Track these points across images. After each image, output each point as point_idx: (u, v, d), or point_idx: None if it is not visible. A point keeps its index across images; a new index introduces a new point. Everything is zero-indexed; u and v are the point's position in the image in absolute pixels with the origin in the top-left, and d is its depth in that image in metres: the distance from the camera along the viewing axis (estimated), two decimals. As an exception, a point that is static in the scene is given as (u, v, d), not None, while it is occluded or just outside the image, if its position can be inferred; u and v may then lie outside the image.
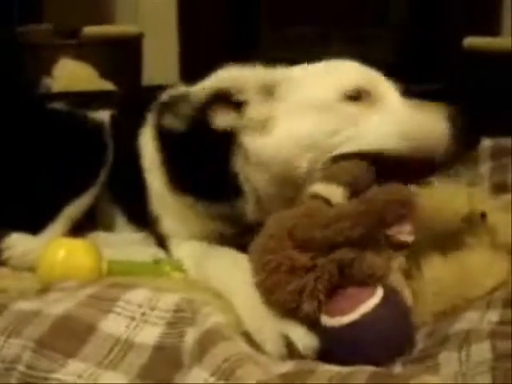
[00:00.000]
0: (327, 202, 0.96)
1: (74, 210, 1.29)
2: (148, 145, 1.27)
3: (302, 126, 1.10)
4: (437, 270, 1.01)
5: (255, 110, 1.12)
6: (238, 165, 1.15)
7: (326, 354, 0.87)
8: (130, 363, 0.78)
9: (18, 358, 0.79)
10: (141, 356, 0.80)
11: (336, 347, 0.86)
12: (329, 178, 1.00)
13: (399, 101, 1.12)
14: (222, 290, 1.00)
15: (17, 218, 1.24)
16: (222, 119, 1.13)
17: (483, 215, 1.10)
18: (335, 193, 0.97)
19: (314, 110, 1.11)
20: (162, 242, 1.28)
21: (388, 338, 0.87)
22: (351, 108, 1.09)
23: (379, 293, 0.88)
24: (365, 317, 0.86)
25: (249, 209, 1.16)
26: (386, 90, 1.13)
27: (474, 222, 1.10)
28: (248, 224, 1.15)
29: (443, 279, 1.00)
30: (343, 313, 0.86)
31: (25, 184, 1.26)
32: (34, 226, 1.25)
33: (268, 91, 1.14)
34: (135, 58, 2.96)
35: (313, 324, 0.88)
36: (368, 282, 0.89)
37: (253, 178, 1.14)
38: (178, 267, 1.18)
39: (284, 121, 1.12)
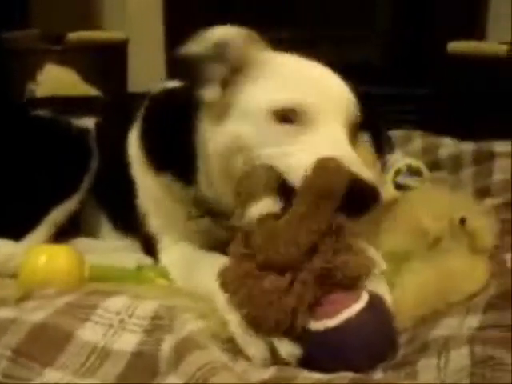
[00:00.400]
0: (275, 216, 0.94)
1: (57, 215, 1.28)
2: (134, 142, 1.28)
3: (241, 128, 1.10)
4: (417, 274, 1.01)
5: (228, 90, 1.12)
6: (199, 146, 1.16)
7: (307, 360, 0.87)
8: (107, 371, 0.78)
9: (-6, 366, 0.78)
10: (118, 364, 0.79)
11: (319, 351, 0.86)
12: (251, 194, 0.98)
13: (330, 133, 1.07)
14: (208, 297, 1.00)
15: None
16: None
17: (463, 220, 1.10)
18: (270, 205, 0.96)
19: (251, 117, 1.09)
20: (148, 247, 1.28)
21: (371, 344, 0.87)
22: (277, 127, 1.07)
23: (364, 298, 0.89)
24: (349, 322, 0.86)
25: (202, 182, 1.18)
26: (327, 115, 1.08)
27: (455, 227, 1.10)
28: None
29: (424, 284, 1.00)
30: (328, 316, 0.86)
31: (8, 190, 1.25)
32: (17, 232, 1.24)
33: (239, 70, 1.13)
34: (121, 64, 2.96)
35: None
36: (355, 283, 0.90)
37: (205, 159, 1.15)
38: (162, 273, 1.18)
39: (233, 117, 1.12)
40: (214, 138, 1.13)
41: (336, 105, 1.10)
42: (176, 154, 1.21)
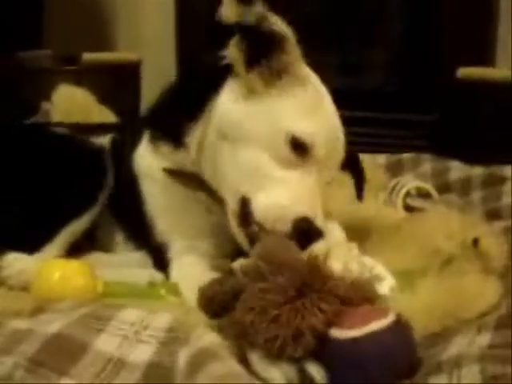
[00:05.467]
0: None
1: (72, 230, 1.30)
2: (144, 153, 1.33)
3: (256, 126, 1.14)
4: (429, 292, 1.02)
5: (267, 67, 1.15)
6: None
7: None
8: (123, 382, 0.79)
9: (10, 376, 0.78)
10: (133, 375, 0.79)
11: (339, 362, 0.86)
12: None
13: (317, 181, 1.14)
14: None
15: (15, 238, 1.25)
16: None
17: (476, 241, 1.11)
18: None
19: (270, 128, 1.14)
20: (158, 259, 1.29)
21: (394, 359, 0.86)
22: (286, 152, 1.12)
23: (391, 316, 0.88)
24: (375, 334, 0.85)
25: (192, 151, 1.24)
26: (327, 160, 1.15)
27: (467, 247, 1.11)
28: None
29: (435, 302, 1.01)
30: (353, 326, 0.85)
31: (23, 204, 1.27)
32: (32, 246, 1.26)
33: None
34: (134, 85, 2.99)
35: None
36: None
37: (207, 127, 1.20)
38: (174, 290, 1.19)
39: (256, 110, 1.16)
40: (228, 113, 1.17)
41: (338, 150, 1.18)
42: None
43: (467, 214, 1.49)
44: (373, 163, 1.92)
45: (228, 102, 1.18)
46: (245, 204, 1.13)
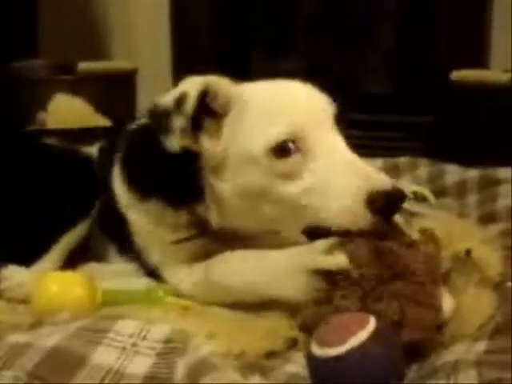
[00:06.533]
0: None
1: (67, 241, 1.31)
2: (118, 181, 1.30)
3: (245, 179, 1.12)
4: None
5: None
6: (204, 170, 1.17)
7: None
8: (121, 394, 0.79)
9: (10, 389, 0.80)
10: (131, 387, 0.80)
11: (324, 376, 0.86)
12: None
13: (332, 149, 1.09)
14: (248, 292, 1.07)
15: (11, 251, 1.25)
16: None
17: (468, 252, 1.11)
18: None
19: (251, 164, 1.10)
20: (152, 272, 1.29)
21: (377, 369, 0.85)
22: (279, 164, 1.08)
23: (371, 324, 0.87)
24: (355, 350, 0.84)
25: (212, 215, 1.19)
26: (320, 130, 1.09)
27: (461, 260, 1.11)
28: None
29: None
30: (334, 343, 0.85)
31: (18, 216, 1.27)
32: (29, 258, 1.26)
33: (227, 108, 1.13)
34: (130, 94, 3.00)
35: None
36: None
37: (217, 186, 1.16)
38: (171, 291, 1.20)
39: (233, 169, 1.13)
40: (223, 190, 1.14)
41: (323, 116, 1.12)
42: (163, 179, 1.22)
43: (463, 218, 1.49)
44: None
45: (222, 188, 1.15)
46: (309, 231, 1.09)
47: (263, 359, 0.97)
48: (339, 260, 0.98)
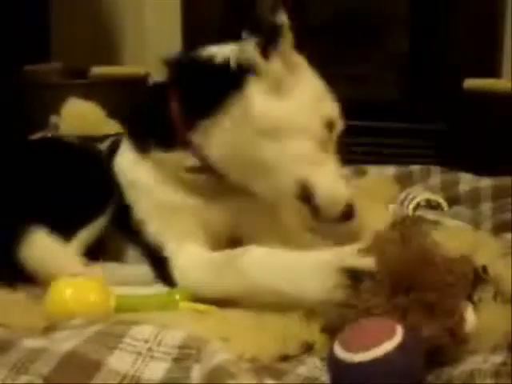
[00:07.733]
0: None
1: (84, 237, 1.30)
2: (124, 150, 1.35)
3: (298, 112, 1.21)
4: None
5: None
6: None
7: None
8: (137, 400, 0.79)
9: (26, 394, 0.80)
10: (148, 392, 0.80)
11: (346, 381, 0.86)
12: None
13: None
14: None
15: None
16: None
17: (484, 268, 1.10)
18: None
19: (310, 107, 1.21)
20: (157, 262, 1.29)
21: (398, 381, 0.84)
22: (326, 136, 1.22)
23: (398, 335, 0.86)
24: (380, 359, 0.84)
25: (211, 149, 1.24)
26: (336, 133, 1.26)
27: (478, 278, 1.09)
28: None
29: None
30: (355, 350, 0.85)
31: (36, 212, 1.27)
32: None
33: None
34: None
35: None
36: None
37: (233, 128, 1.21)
38: (188, 296, 1.18)
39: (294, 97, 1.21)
40: (266, 112, 1.20)
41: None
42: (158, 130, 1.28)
43: (477, 226, 1.49)
44: (381, 174, 1.92)
45: (261, 102, 1.19)
46: (304, 188, 1.19)
47: (277, 362, 0.96)
48: (367, 261, 0.99)
